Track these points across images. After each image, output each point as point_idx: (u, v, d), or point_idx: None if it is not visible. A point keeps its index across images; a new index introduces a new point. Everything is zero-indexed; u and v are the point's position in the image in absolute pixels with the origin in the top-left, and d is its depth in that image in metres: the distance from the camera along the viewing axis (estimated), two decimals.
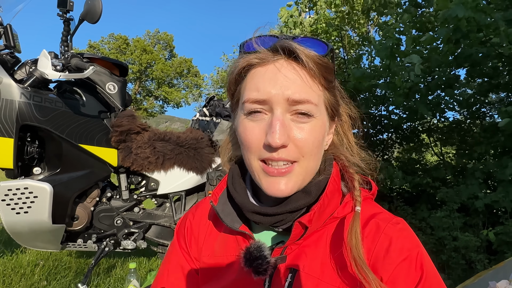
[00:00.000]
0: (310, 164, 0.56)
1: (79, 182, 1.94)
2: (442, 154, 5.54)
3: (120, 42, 26.86)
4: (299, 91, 0.52)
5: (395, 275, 0.51)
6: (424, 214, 4.34)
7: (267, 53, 0.55)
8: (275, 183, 0.55)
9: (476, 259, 3.54)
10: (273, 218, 0.57)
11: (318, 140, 0.56)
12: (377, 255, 0.53)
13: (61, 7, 1.87)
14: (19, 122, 1.73)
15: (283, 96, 0.52)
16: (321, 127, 0.56)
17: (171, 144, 2.12)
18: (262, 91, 0.53)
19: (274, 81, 0.53)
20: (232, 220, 0.62)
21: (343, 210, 0.59)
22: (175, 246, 0.74)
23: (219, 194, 0.66)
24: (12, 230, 1.78)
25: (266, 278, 0.57)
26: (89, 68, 1.75)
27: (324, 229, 0.59)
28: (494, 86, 4.01)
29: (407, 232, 0.56)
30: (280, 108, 0.53)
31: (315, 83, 0.55)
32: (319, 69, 0.54)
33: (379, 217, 0.58)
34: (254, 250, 0.57)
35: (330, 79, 0.57)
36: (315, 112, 0.54)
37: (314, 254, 0.57)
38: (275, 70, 0.53)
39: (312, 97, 0.54)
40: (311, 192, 0.57)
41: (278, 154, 0.53)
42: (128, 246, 2.10)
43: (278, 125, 0.51)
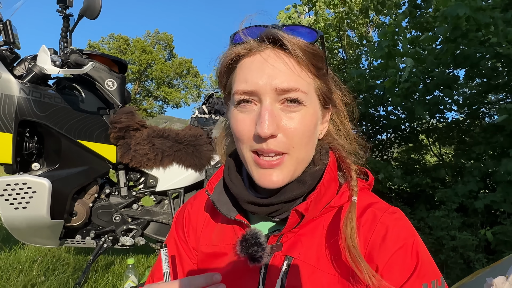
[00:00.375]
0: (301, 155, 0.56)
1: (77, 178, 1.94)
2: (441, 154, 5.55)
3: (120, 42, 26.91)
4: (286, 79, 0.52)
5: (391, 263, 0.52)
6: (422, 214, 4.34)
7: (254, 43, 0.55)
8: (267, 175, 0.55)
9: (474, 258, 3.54)
10: (269, 208, 0.58)
11: (309, 129, 0.55)
12: (373, 243, 0.54)
13: (60, 3, 1.87)
14: (18, 117, 1.73)
15: (270, 86, 0.52)
16: (312, 115, 0.56)
17: (170, 141, 2.12)
18: (250, 82, 0.53)
19: (262, 71, 0.53)
20: (228, 209, 0.63)
21: (340, 199, 0.59)
22: (173, 236, 0.75)
23: (215, 184, 0.67)
24: (10, 226, 1.78)
25: (262, 266, 0.58)
26: (88, 64, 1.75)
27: (321, 218, 0.59)
28: (493, 87, 4.02)
29: (403, 221, 0.57)
30: (269, 98, 0.53)
31: (304, 71, 0.54)
32: (307, 56, 0.54)
33: (376, 206, 0.58)
34: (250, 237, 0.57)
35: (319, 66, 0.56)
36: (305, 100, 0.54)
37: (310, 242, 0.57)
38: (262, 60, 0.53)
39: (301, 85, 0.53)
40: (306, 182, 0.57)
41: (268, 145, 0.53)
42: (127, 243, 2.10)
43: (267, 115, 0.51)
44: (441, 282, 0.53)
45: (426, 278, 0.51)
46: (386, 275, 0.51)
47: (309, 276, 0.55)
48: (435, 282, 0.52)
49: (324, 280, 0.54)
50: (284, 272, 0.56)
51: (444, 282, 0.54)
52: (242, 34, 0.56)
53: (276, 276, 0.56)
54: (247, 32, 0.56)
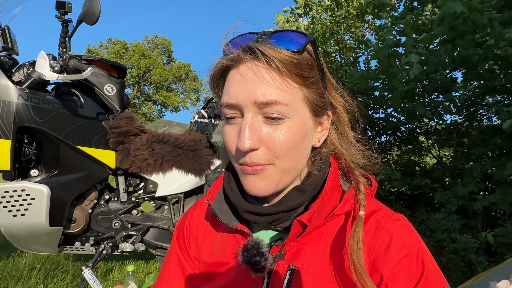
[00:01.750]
0: (286, 165, 0.54)
1: (77, 184, 1.92)
2: (440, 156, 5.56)
3: (119, 46, 26.96)
4: (264, 92, 0.51)
5: (396, 272, 0.51)
6: (423, 217, 4.34)
7: (237, 54, 0.54)
8: (252, 182, 0.54)
9: (476, 261, 3.54)
10: (268, 217, 0.57)
11: (295, 141, 0.54)
12: (377, 251, 0.53)
13: (59, 8, 1.87)
14: (16, 123, 1.72)
15: (250, 99, 0.51)
16: (298, 126, 0.54)
17: (169, 146, 2.11)
18: (232, 95, 0.53)
19: (242, 84, 0.52)
20: (229, 218, 0.62)
21: (343, 207, 0.58)
22: (175, 246, 0.74)
23: (215, 193, 0.66)
24: (9, 233, 1.77)
25: (265, 276, 0.57)
26: (87, 69, 1.75)
27: (324, 226, 0.58)
28: (491, 89, 4.04)
29: (408, 228, 0.56)
30: (250, 111, 0.52)
31: (286, 82, 0.52)
32: (289, 67, 0.52)
33: (380, 213, 0.57)
34: (252, 247, 0.56)
35: (305, 75, 0.54)
36: (288, 113, 0.52)
37: (313, 251, 0.57)
38: (244, 71, 0.52)
39: (281, 97, 0.51)
40: (306, 190, 0.57)
41: (250, 159, 0.52)
42: (126, 249, 2.08)
43: (247, 129, 0.51)
44: None
45: (432, 287, 0.51)
46: (391, 285, 0.50)
47: (313, 286, 0.54)
48: None
49: None
50: (287, 282, 0.55)
51: None
52: (227, 45, 0.56)
53: (279, 286, 0.55)
54: (233, 43, 0.56)
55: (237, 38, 0.57)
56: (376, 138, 5.91)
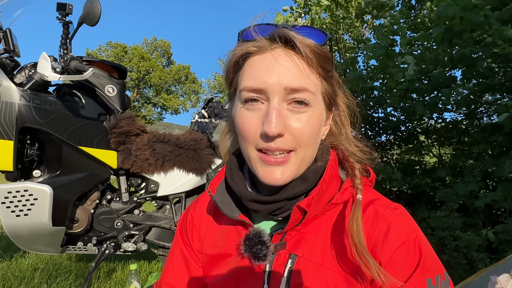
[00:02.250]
0: (306, 153, 0.56)
1: (79, 185, 1.93)
2: (441, 155, 5.56)
3: (118, 50, 27.00)
4: (296, 79, 0.52)
5: (394, 259, 0.52)
6: (424, 215, 4.34)
7: (264, 41, 0.55)
8: (271, 172, 0.55)
9: (477, 258, 3.53)
10: (272, 205, 0.58)
11: (315, 130, 0.56)
12: (375, 240, 0.54)
13: (60, 10, 1.88)
14: (19, 124, 1.73)
15: (280, 84, 0.52)
16: (318, 116, 0.56)
17: (170, 145, 2.12)
18: (259, 80, 0.53)
19: (271, 69, 0.53)
20: (231, 209, 0.63)
21: (342, 196, 0.59)
22: (178, 240, 0.75)
23: (217, 185, 0.67)
24: (12, 233, 1.77)
25: (266, 264, 0.58)
26: (88, 70, 1.76)
27: (324, 215, 0.60)
28: (490, 87, 4.05)
29: (405, 217, 0.57)
30: (277, 97, 0.53)
31: (313, 72, 0.55)
32: (317, 58, 0.54)
33: (378, 202, 0.58)
34: (253, 236, 0.58)
35: (328, 69, 0.57)
36: (312, 101, 0.54)
37: (313, 240, 0.58)
38: (272, 58, 0.53)
39: (310, 85, 0.54)
40: (308, 178, 0.58)
41: (275, 144, 0.53)
42: (129, 249, 2.09)
43: (275, 114, 0.51)
44: (445, 277, 0.53)
45: (430, 273, 0.52)
46: (390, 271, 0.51)
47: (314, 273, 0.55)
48: (439, 277, 0.52)
49: (329, 277, 0.54)
50: (288, 270, 0.56)
51: (448, 276, 0.54)
52: (254, 32, 0.56)
53: (280, 274, 0.56)
54: (258, 30, 0.56)
55: (259, 26, 0.57)
56: (376, 138, 5.92)
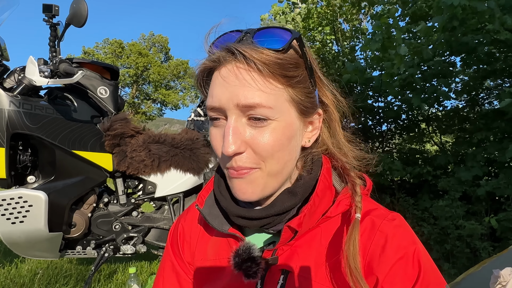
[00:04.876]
0: (273, 168, 0.53)
1: (74, 189, 1.91)
2: (442, 143, 5.52)
3: (115, 46, 26.84)
4: (247, 95, 0.49)
5: (392, 275, 0.49)
6: (426, 204, 4.32)
7: (220, 54, 0.52)
8: (239, 186, 0.53)
9: (480, 247, 3.53)
10: (259, 221, 0.56)
11: (281, 143, 0.52)
12: (372, 253, 0.51)
13: (46, 12, 1.84)
14: (9, 130, 1.70)
15: (232, 102, 0.50)
16: (284, 128, 0.52)
17: (166, 146, 2.09)
18: (215, 97, 0.51)
19: (225, 86, 0.50)
20: (220, 222, 0.61)
21: (337, 209, 0.56)
22: (169, 252, 0.73)
23: (205, 197, 0.65)
24: (8, 240, 1.76)
25: (258, 281, 0.56)
26: (78, 73, 1.73)
27: (318, 228, 0.57)
28: (491, 73, 3.99)
29: (403, 228, 0.54)
30: (234, 114, 0.50)
31: (269, 83, 0.50)
32: (272, 68, 0.50)
33: (374, 213, 0.56)
34: (243, 253, 0.55)
35: (291, 75, 0.52)
36: (272, 115, 0.50)
37: (306, 254, 0.55)
38: (226, 73, 0.51)
39: (264, 99, 0.49)
40: (297, 193, 0.55)
41: (236, 163, 0.51)
42: (128, 251, 2.08)
43: (230, 133, 0.49)
44: None
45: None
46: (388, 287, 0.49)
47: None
48: None
49: None
50: (280, 287, 0.54)
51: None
52: (210, 46, 0.55)
53: None
54: (216, 43, 0.54)
55: (220, 37, 0.55)
56: (377, 127, 5.88)
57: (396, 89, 4.26)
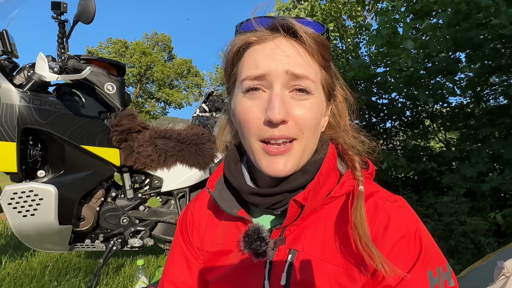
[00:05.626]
0: (308, 142, 0.56)
1: (83, 183, 1.95)
2: (447, 140, 5.50)
3: (119, 46, 26.92)
4: (298, 66, 0.53)
5: (394, 253, 0.51)
6: (430, 200, 4.31)
7: (265, 31, 0.55)
8: (274, 163, 0.54)
9: (485, 242, 3.52)
10: (272, 198, 0.57)
11: (317, 118, 0.56)
12: (375, 233, 0.53)
13: (54, 9, 1.87)
14: (20, 125, 1.74)
15: (282, 69, 0.52)
16: (319, 105, 0.56)
17: (172, 141, 2.12)
18: (261, 66, 0.53)
19: (273, 56, 0.53)
20: (230, 205, 0.62)
21: (340, 189, 0.59)
22: (178, 238, 0.75)
23: (215, 181, 0.67)
24: (20, 233, 1.80)
25: (267, 260, 0.58)
26: (86, 69, 1.75)
27: (323, 209, 0.59)
28: (496, 69, 3.97)
29: (405, 209, 0.56)
30: (279, 83, 0.53)
31: (313, 61, 0.55)
32: (318, 46, 0.54)
33: (377, 195, 0.58)
34: (252, 233, 0.57)
35: (327, 58, 0.57)
36: (314, 90, 0.54)
37: (313, 234, 0.57)
38: (274, 46, 0.53)
39: (311, 73, 0.54)
40: (308, 170, 0.57)
41: (279, 131, 0.52)
42: (135, 244, 2.11)
43: (278, 101, 0.51)
44: (446, 268, 0.52)
45: (430, 265, 0.51)
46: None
47: (314, 268, 0.54)
48: (440, 268, 0.51)
49: (330, 271, 0.54)
50: (288, 266, 0.56)
51: (450, 268, 0.53)
52: (254, 22, 0.56)
53: (281, 270, 0.56)
54: (258, 21, 0.56)
55: (259, 18, 0.57)
56: (380, 124, 5.87)
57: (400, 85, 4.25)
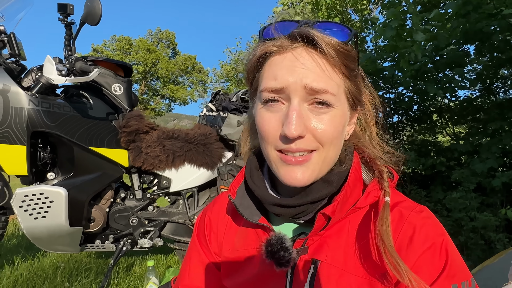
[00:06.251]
0: (328, 154, 0.54)
1: (92, 185, 1.96)
2: (455, 134, 5.42)
3: (123, 43, 27.00)
4: (317, 79, 0.50)
5: (419, 264, 0.50)
6: (439, 196, 4.27)
7: (285, 40, 0.53)
8: (292, 172, 0.53)
9: (495, 238, 3.48)
10: (295, 209, 0.57)
11: (338, 131, 0.54)
12: (400, 243, 0.52)
13: (61, 11, 1.87)
14: (29, 129, 1.75)
15: (301, 83, 0.50)
16: (341, 117, 0.54)
17: (180, 141, 2.12)
18: (280, 79, 0.52)
19: (292, 69, 0.51)
20: (251, 213, 0.62)
21: (366, 200, 0.57)
22: (195, 243, 0.75)
23: (236, 188, 0.66)
24: (31, 235, 1.82)
25: (288, 270, 0.57)
26: (93, 71, 1.75)
27: (346, 219, 0.58)
28: (506, 61, 3.89)
29: (431, 220, 0.55)
30: (298, 97, 0.51)
31: (335, 72, 0.53)
32: (340, 57, 0.52)
33: (402, 205, 0.56)
34: (276, 242, 0.57)
35: (351, 67, 0.54)
36: (334, 102, 0.52)
37: (336, 244, 0.56)
38: (293, 58, 0.52)
39: (331, 86, 0.52)
40: (333, 182, 0.56)
41: (296, 145, 0.52)
42: (145, 245, 2.12)
43: (295, 116, 0.50)
44: (471, 283, 0.51)
45: (455, 279, 0.50)
46: None
47: (337, 279, 0.54)
48: (465, 283, 0.50)
49: (353, 282, 0.53)
50: (311, 276, 0.55)
51: (474, 283, 0.52)
52: (274, 30, 0.54)
53: (303, 280, 0.56)
54: (279, 28, 0.54)
55: (277, 24, 0.55)
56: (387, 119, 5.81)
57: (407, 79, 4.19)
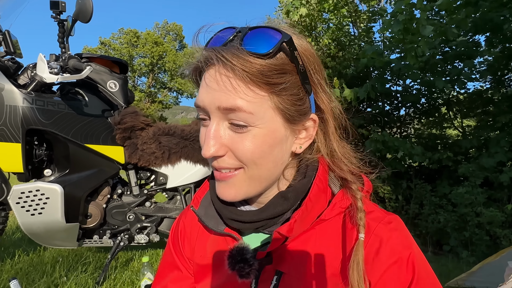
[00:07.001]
0: (256, 173, 0.52)
1: (88, 181, 1.98)
2: (463, 127, 5.30)
3: (131, 36, 27.08)
4: (227, 98, 0.48)
5: (385, 279, 0.49)
6: (445, 191, 4.20)
7: (206, 56, 0.51)
8: (220, 187, 0.55)
9: (501, 234, 3.42)
10: (251, 225, 0.56)
11: (261, 150, 0.50)
12: (366, 257, 0.50)
13: (53, 8, 1.86)
14: (24, 126, 1.77)
15: (214, 104, 0.49)
16: (265, 135, 0.50)
17: (176, 138, 2.11)
18: (200, 97, 0.52)
19: (208, 89, 0.50)
20: (216, 223, 0.61)
21: (331, 212, 0.55)
22: (170, 248, 0.75)
23: (201, 198, 0.66)
24: (29, 231, 1.86)
25: (253, 280, 0.56)
26: (86, 68, 1.75)
27: (312, 230, 0.56)
28: None
29: (399, 232, 0.52)
30: (216, 117, 0.50)
31: (250, 90, 0.48)
32: (254, 75, 0.48)
33: (370, 216, 0.54)
34: (236, 253, 0.55)
35: (275, 82, 0.49)
36: (252, 121, 0.49)
37: (300, 256, 0.55)
38: (212, 74, 0.50)
39: (244, 105, 0.48)
40: (289, 198, 0.55)
41: (218, 163, 0.52)
42: (142, 240, 2.15)
43: (210, 135, 0.50)
44: None
45: None
46: None
47: None
48: None
49: None
50: (273, 287, 0.54)
51: None
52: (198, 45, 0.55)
53: None
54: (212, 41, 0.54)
55: (212, 38, 0.54)
56: (394, 112, 5.71)
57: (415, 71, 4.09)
